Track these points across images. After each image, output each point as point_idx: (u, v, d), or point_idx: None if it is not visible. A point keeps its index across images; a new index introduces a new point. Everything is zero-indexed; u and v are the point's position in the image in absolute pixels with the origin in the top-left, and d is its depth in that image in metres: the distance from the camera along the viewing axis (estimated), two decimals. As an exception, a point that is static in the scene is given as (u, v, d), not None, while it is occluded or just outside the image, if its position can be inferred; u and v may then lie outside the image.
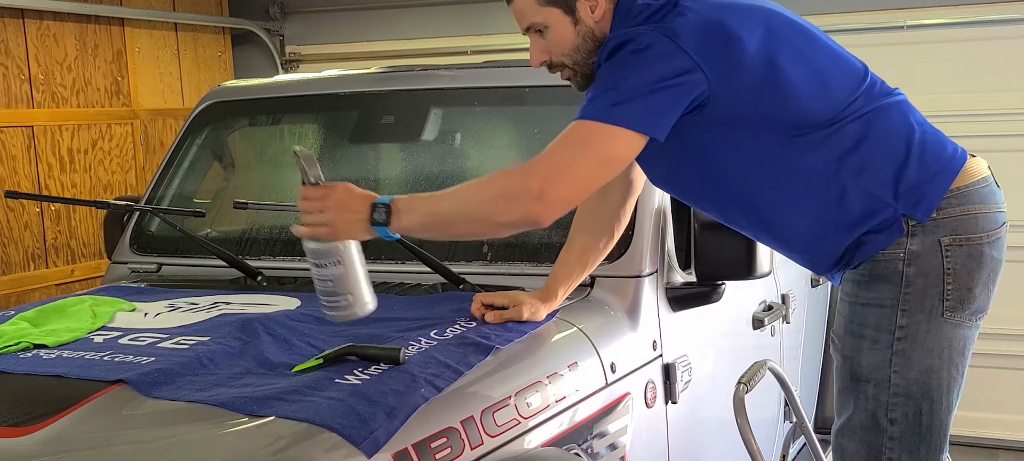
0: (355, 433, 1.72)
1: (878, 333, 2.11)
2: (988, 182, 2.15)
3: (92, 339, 2.28)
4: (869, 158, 2.06)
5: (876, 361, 2.12)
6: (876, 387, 2.13)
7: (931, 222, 2.06)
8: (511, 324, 2.29)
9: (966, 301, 2.10)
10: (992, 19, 4.89)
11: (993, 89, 4.92)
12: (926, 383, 2.10)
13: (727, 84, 1.97)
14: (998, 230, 2.13)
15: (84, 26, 5.06)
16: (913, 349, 2.09)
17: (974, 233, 2.08)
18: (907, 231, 2.07)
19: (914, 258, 2.07)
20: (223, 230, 3.21)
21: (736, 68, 1.98)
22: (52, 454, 1.72)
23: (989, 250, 2.11)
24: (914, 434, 2.12)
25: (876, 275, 2.11)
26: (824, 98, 2.06)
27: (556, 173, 1.91)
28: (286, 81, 3.70)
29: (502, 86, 3.01)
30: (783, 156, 2.06)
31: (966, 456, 4.87)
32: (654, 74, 1.92)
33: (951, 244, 2.07)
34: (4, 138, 4.67)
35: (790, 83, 2.02)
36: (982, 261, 2.10)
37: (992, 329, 4.99)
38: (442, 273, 2.60)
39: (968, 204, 2.09)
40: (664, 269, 2.63)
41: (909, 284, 2.08)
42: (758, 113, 2.03)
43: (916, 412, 2.11)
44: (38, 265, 4.82)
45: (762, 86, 2.00)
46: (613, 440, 2.34)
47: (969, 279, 2.09)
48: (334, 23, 6.16)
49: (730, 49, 1.98)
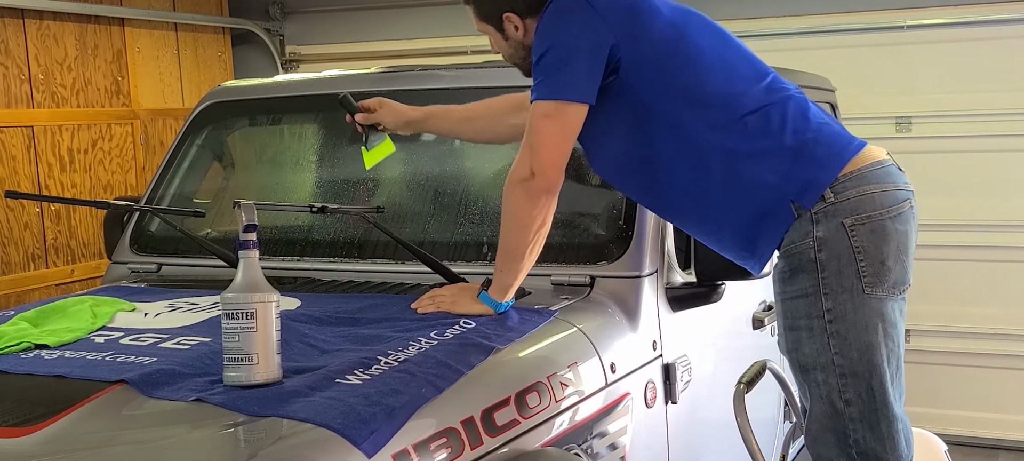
0: (355, 433, 1.72)
1: (811, 321, 2.23)
2: (883, 164, 2.26)
3: (93, 339, 2.29)
4: (767, 147, 2.21)
5: (816, 348, 2.23)
6: (824, 372, 2.23)
7: (832, 207, 2.19)
8: (512, 323, 2.30)
9: (882, 275, 2.19)
10: (992, 19, 4.89)
11: (993, 89, 4.93)
12: (870, 360, 2.19)
13: (636, 45, 2.20)
14: (899, 206, 2.23)
15: (84, 26, 5.06)
16: (847, 329, 2.19)
17: (874, 210, 2.20)
18: (812, 220, 2.20)
19: (823, 244, 2.19)
20: (223, 230, 3.21)
21: (645, 30, 2.21)
22: (52, 454, 1.72)
23: (892, 224, 2.21)
24: (872, 411, 2.21)
25: (794, 268, 2.24)
26: (728, 78, 2.25)
27: (534, 152, 2.22)
28: (286, 81, 3.70)
29: (502, 86, 3.01)
30: (688, 128, 2.23)
31: (966, 456, 4.87)
32: (573, 44, 2.18)
33: (854, 224, 2.19)
34: (4, 138, 4.67)
35: (698, 52, 2.24)
36: (887, 235, 2.20)
37: (992, 329, 5.05)
38: (442, 273, 2.60)
39: (864, 185, 2.20)
40: (664, 269, 2.63)
41: (824, 269, 2.20)
42: (666, 78, 2.22)
43: (868, 389, 2.20)
44: (38, 265, 4.83)
45: (671, 50, 2.22)
46: (613, 440, 2.34)
47: (879, 253, 2.19)
48: (334, 23, 6.16)
49: (640, 13, 2.22)
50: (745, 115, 2.22)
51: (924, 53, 5.03)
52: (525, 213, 2.26)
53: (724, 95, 2.24)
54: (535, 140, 2.22)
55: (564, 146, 2.24)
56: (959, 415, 5.06)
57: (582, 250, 2.63)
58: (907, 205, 2.25)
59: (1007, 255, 5.02)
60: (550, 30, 2.21)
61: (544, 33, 2.22)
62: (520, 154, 2.26)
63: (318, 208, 2.57)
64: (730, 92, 2.24)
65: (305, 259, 2.92)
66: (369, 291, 2.66)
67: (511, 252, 2.31)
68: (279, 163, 3.36)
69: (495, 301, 2.35)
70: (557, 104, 2.20)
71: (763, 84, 2.28)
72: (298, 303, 2.51)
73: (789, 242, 2.25)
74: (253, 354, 1.90)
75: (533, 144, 2.22)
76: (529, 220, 2.27)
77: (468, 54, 5.57)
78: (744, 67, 2.30)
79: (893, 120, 5.11)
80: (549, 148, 2.21)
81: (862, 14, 5.07)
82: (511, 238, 2.31)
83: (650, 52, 2.22)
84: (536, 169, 2.21)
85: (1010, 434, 5.08)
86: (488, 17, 2.36)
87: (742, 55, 2.33)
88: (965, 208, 5.06)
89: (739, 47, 2.34)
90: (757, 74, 2.30)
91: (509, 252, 2.32)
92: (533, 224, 2.28)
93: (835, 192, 2.20)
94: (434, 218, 2.88)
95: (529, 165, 2.22)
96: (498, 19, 2.34)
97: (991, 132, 4.96)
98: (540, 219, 2.28)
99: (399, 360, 2.03)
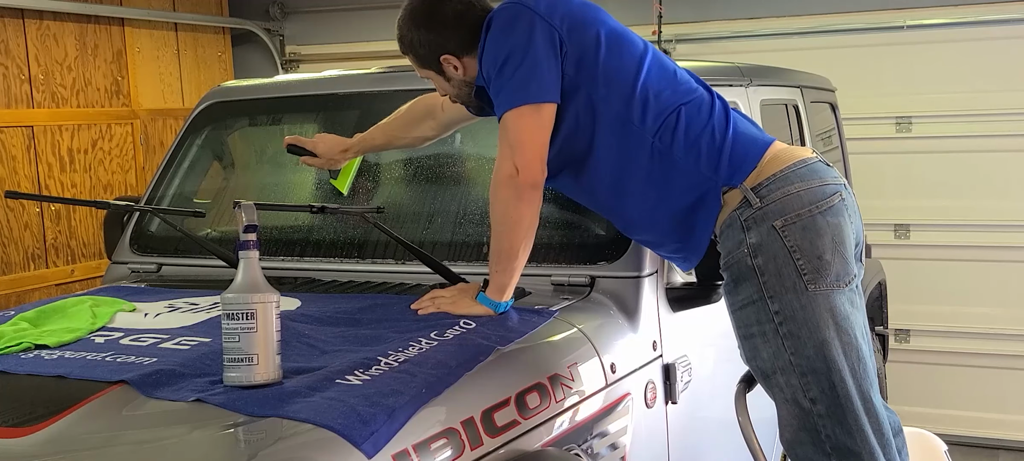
0: (355, 433, 1.72)
1: (762, 327, 2.26)
2: (807, 163, 2.31)
3: (93, 339, 2.28)
4: (696, 137, 2.29)
5: (772, 351, 2.26)
6: (784, 374, 2.26)
7: (759, 212, 2.24)
8: (512, 324, 2.30)
9: (821, 270, 2.21)
10: (992, 19, 4.89)
11: (993, 89, 4.93)
12: (825, 356, 2.21)
13: (577, 42, 2.29)
14: (828, 199, 2.25)
15: (84, 26, 5.06)
16: (798, 328, 2.22)
17: (802, 208, 2.23)
18: (743, 227, 2.25)
19: (758, 249, 2.24)
20: (223, 230, 3.21)
21: (584, 29, 2.30)
22: (52, 454, 1.72)
23: (823, 218, 2.23)
24: (837, 406, 2.23)
25: (736, 278, 2.29)
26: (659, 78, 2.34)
27: (515, 150, 2.26)
28: (286, 81, 3.70)
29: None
30: (623, 123, 2.30)
31: (966, 456, 4.87)
32: (523, 46, 2.25)
33: (785, 225, 2.22)
34: (4, 138, 4.67)
35: (627, 46, 2.34)
36: (819, 230, 2.22)
37: (992, 329, 5.05)
38: (442, 273, 2.60)
39: (787, 185, 2.25)
40: (664, 269, 2.63)
41: (763, 273, 2.23)
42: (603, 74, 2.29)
43: (830, 386, 2.22)
44: (38, 265, 4.83)
45: (602, 43, 2.31)
46: (613, 440, 2.34)
47: (814, 249, 2.21)
48: (334, 23, 6.17)
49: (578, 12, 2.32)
50: (677, 108, 2.30)
51: (924, 53, 5.03)
52: (514, 210, 2.28)
53: (656, 91, 2.31)
54: (513, 138, 2.26)
55: (542, 138, 2.28)
56: (959, 415, 5.06)
57: (582, 250, 2.63)
58: (837, 198, 2.27)
59: (1007, 255, 5.03)
60: (500, 42, 2.28)
61: (495, 48, 2.28)
62: (500, 154, 2.29)
63: (318, 208, 2.58)
64: (661, 90, 2.32)
65: (305, 259, 2.92)
66: (369, 291, 2.66)
67: (504, 252, 2.33)
68: (279, 163, 3.35)
69: (494, 301, 2.36)
70: (518, 111, 2.25)
71: (691, 87, 2.37)
72: (298, 303, 2.51)
73: (726, 253, 2.29)
74: (253, 354, 1.90)
75: (512, 142, 2.26)
76: (519, 216, 2.29)
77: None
78: (676, 73, 2.39)
79: (893, 120, 5.11)
80: (528, 143, 2.25)
81: (862, 14, 5.07)
82: (503, 238, 2.32)
83: (593, 49, 2.30)
84: (520, 165, 2.24)
85: (1010, 434, 5.08)
86: (427, 62, 2.43)
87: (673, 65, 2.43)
88: (965, 208, 5.06)
89: (670, 61, 2.44)
90: (686, 80, 2.40)
91: (503, 252, 2.33)
92: (524, 221, 2.29)
93: (760, 196, 2.24)
94: (434, 218, 2.88)
95: (511, 163, 2.25)
96: (436, 62, 2.41)
97: (991, 132, 4.96)
98: (529, 215, 2.30)
99: (399, 361, 2.03)
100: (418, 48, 2.41)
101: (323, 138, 2.82)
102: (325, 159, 2.82)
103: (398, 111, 2.79)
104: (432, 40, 2.38)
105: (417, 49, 2.42)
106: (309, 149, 2.82)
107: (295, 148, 2.83)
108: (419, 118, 2.75)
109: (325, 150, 2.81)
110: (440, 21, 2.37)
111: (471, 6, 2.37)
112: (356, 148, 2.84)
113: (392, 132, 2.79)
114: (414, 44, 2.41)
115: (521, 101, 2.25)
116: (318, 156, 2.81)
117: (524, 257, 2.35)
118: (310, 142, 2.82)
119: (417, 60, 2.45)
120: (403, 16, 2.41)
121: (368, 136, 2.82)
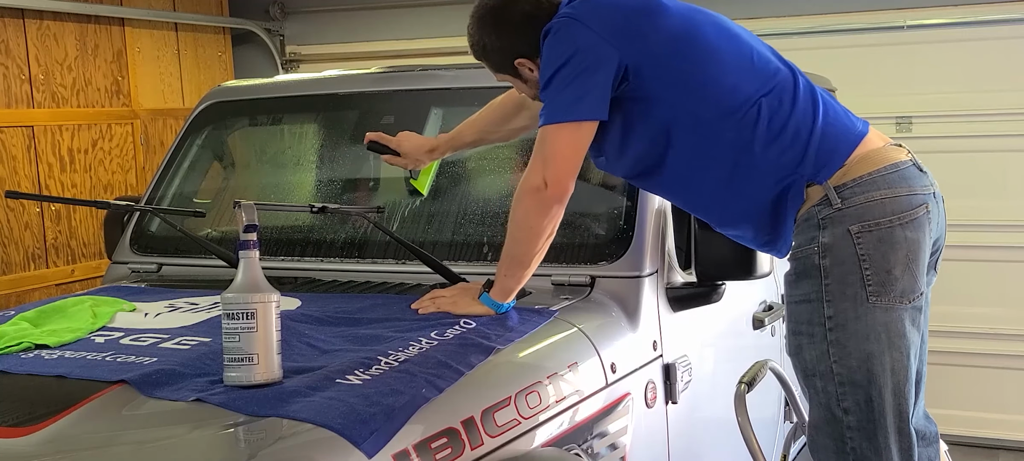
0: (355, 433, 1.72)
1: (812, 327, 2.23)
2: (899, 168, 2.23)
3: (94, 339, 2.28)
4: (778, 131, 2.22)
5: (816, 354, 2.22)
6: (823, 380, 2.22)
7: (838, 213, 2.18)
8: (512, 323, 2.30)
9: (888, 284, 2.16)
10: (992, 19, 4.89)
11: (993, 89, 4.93)
12: (869, 370, 2.17)
13: (641, 51, 2.22)
14: (913, 212, 2.19)
15: (84, 26, 5.06)
16: (847, 338, 2.18)
17: (883, 217, 2.17)
18: (819, 225, 2.20)
19: (828, 250, 2.19)
20: (223, 230, 3.21)
21: (649, 36, 2.23)
22: (52, 454, 1.72)
23: (903, 232, 2.17)
24: (869, 421, 2.19)
25: (800, 273, 2.25)
26: (737, 70, 2.25)
27: (547, 164, 2.24)
28: (286, 81, 3.70)
29: (502, 86, 3.01)
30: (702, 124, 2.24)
31: (966, 456, 4.87)
32: (576, 63, 2.20)
33: (860, 231, 2.17)
34: (4, 138, 4.67)
35: (707, 49, 2.25)
36: (895, 243, 2.17)
37: (992, 329, 5.05)
38: (442, 273, 2.60)
39: (872, 191, 2.18)
40: (664, 269, 2.63)
41: (828, 275, 2.19)
42: (676, 79, 2.23)
43: (866, 399, 2.18)
44: (38, 265, 4.83)
45: (679, 50, 2.24)
46: (613, 440, 2.34)
47: (885, 262, 2.16)
48: (334, 23, 6.16)
49: (642, 18, 2.24)
50: (757, 100, 2.23)
51: (924, 53, 5.03)
52: (536, 222, 2.27)
53: (734, 85, 2.24)
54: (548, 152, 2.23)
55: (576, 158, 2.26)
56: (959, 415, 5.06)
57: (582, 250, 2.63)
58: (921, 211, 2.21)
59: (1007, 255, 5.02)
60: (552, 56, 2.24)
61: (547, 61, 2.25)
62: (532, 165, 2.27)
63: (318, 208, 2.58)
64: (739, 81, 2.24)
65: (305, 259, 2.92)
66: (369, 291, 2.66)
67: (518, 259, 2.32)
68: (279, 163, 3.36)
69: (496, 303, 2.36)
70: (560, 127, 2.22)
71: (771, 72, 2.28)
72: (298, 303, 2.51)
73: (796, 246, 2.25)
74: (253, 354, 1.90)
75: (546, 155, 2.24)
76: (540, 229, 2.28)
77: (468, 54, 5.56)
78: (753, 58, 2.29)
79: (893, 120, 5.11)
80: (562, 159, 2.23)
81: (862, 14, 5.06)
82: (519, 245, 2.31)
83: (658, 55, 2.23)
84: (549, 179, 2.23)
85: (1010, 434, 5.07)
86: (502, 67, 2.40)
87: (750, 48, 2.32)
88: (965, 208, 5.05)
89: (746, 41, 2.33)
90: (766, 63, 2.30)
91: (516, 259, 2.32)
92: (544, 233, 2.29)
93: (842, 198, 2.18)
94: (434, 218, 2.88)
95: (542, 175, 2.23)
96: (512, 67, 2.38)
97: (991, 132, 4.96)
98: (550, 228, 2.30)
99: (399, 360, 2.03)
100: (491, 54, 2.39)
101: (408, 137, 2.74)
102: (409, 159, 2.74)
103: (488, 106, 2.72)
104: (503, 45, 2.35)
105: (490, 55, 2.39)
106: (392, 147, 2.72)
107: (376, 145, 2.74)
108: (512, 111, 2.68)
109: (410, 149, 2.73)
110: (509, 24, 2.33)
111: (540, 6, 2.32)
112: (443, 147, 2.76)
113: (484, 128, 2.72)
114: (487, 50, 2.38)
115: (562, 118, 2.22)
116: (401, 155, 2.73)
117: (535, 267, 2.35)
118: (393, 141, 2.73)
119: (491, 66, 2.42)
120: (471, 22, 2.38)
121: (456, 134, 2.74)
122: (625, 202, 2.64)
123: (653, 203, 2.63)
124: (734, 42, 2.31)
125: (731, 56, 2.27)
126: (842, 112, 2.33)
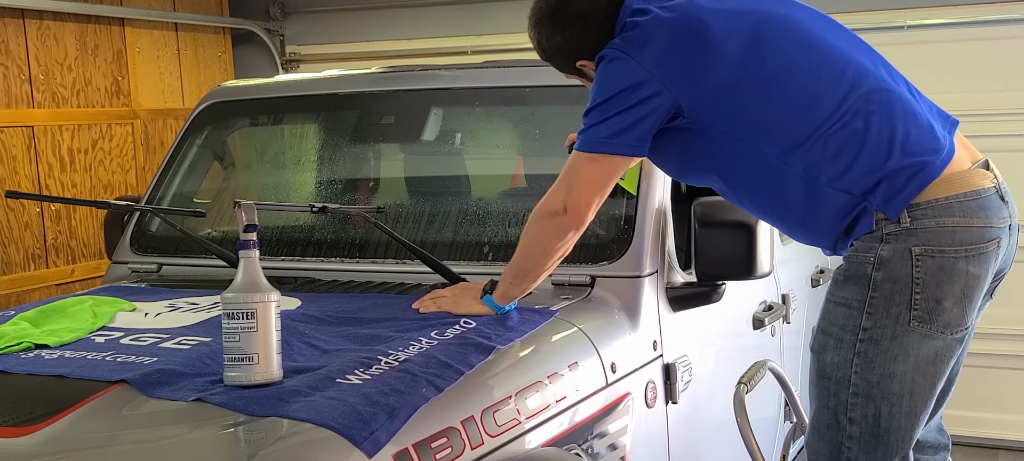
0: (356, 433, 1.72)
1: (843, 333, 2.16)
2: (980, 196, 2.12)
3: (94, 339, 2.29)
4: (848, 160, 2.11)
5: (839, 360, 2.17)
6: (837, 385, 2.17)
7: (904, 231, 2.08)
8: (512, 323, 2.30)
9: (935, 313, 2.08)
10: (992, 19, 4.89)
11: (993, 89, 4.92)
12: (887, 387, 2.12)
13: (696, 91, 2.15)
14: (982, 245, 2.09)
15: (84, 26, 5.06)
16: (876, 353, 2.11)
17: (947, 246, 2.07)
18: (882, 238, 2.10)
19: (883, 263, 2.10)
20: (223, 230, 3.21)
21: (704, 74, 2.15)
22: (52, 454, 1.72)
23: (966, 266, 2.08)
24: (872, 435, 2.15)
25: (849, 276, 2.16)
26: (803, 91, 2.14)
27: (571, 190, 2.22)
28: (286, 81, 3.70)
29: (502, 86, 3.01)
30: (764, 155, 2.16)
31: (966, 456, 4.87)
32: (621, 98, 2.16)
33: (922, 254, 2.07)
34: (4, 138, 4.67)
35: (767, 79, 2.14)
36: (954, 275, 2.08)
37: (992, 329, 5.04)
38: (442, 273, 2.60)
39: (945, 217, 2.08)
40: (664, 269, 2.63)
41: (876, 288, 2.11)
42: (735, 114, 2.16)
43: (875, 414, 2.14)
44: (38, 265, 4.83)
45: (738, 84, 2.14)
46: (613, 440, 2.34)
47: (938, 291, 2.08)
48: (334, 23, 6.16)
49: (696, 56, 2.15)
50: (825, 130, 2.11)
51: (924, 53, 5.03)
52: (549, 245, 2.27)
53: (799, 114, 2.13)
54: (574, 179, 2.22)
55: (603, 191, 2.25)
56: (959, 415, 5.04)
57: (582, 250, 2.63)
58: (992, 245, 2.11)
59: (1007, 255, 5.01)
60: (601, 84, 2.20)
61: (597, 85, 2.21)
62: (556, 187, 2.25)
63: (318, 208, 2.58)
64: (806, 107, 2.13)
65: (305, 259, 2.92)
66: (369, 291, 2.66)
67: (526, 273, 2.32)
68: (279, 163, 3.36)
69: (497, 305, 2.36)
70: (594, 157, 2.20)
71: (844, 86, 2.14)
72: (298, 303, 2.51)
73: (854, 249, 2.16)
74: (253, 354, 1.90)
75: (572, 182, 2.22)
76: (552, 252, 2.28)
77: (468, 54, 5.57)
78: (823, 70, 2.16)
79: (893, 120, 5.11)
80: (587, 189, 2.21)
81: (862, 14, 5.06)
82: (529, 262, 2.31)
83: (715, 96, 2.15)
84: (570, 206, 2.21)
85: (1010, 434, 5.07)
86: (566, 68, 2.38)
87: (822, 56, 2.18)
88: (965, 208, 5.05)
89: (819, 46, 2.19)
90: (838, 76, 2.15)
91: (524, 273, 2.32)
92: (555, 255, 2.30)
93: (913, 217, 2.08)
94: (434, 218, 2.88)
95: (563, 201, 2.22)
96: (575, 68, 2.35)
97: (991, 132, 4.95)
98: (562, 251, 2.30)
99: (399, 360, 2.03)
100: (553, 56, 2.36)
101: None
102: None
103: None
104: (560, 46, 2.31)
105: (553, 57, 2.36)
106: None
107: None
108: None
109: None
110: (564, 24, 2.28)
111: (596, 4, 2.25)
112: None
113: None
114: (549, 52, 2.35)
115: (596, 149, 2.19)
116: None
117: (541, 281, 2.35)
118: None
119: (557, 67, 2.40)
120: (529, 26, 2.35)
121: None
122: (626, 202, 2.64)
123: (652, 203, 2.63)
124: (805, 55, 2.17)
125: (798, 82, 2.14)
126: (928, 129, 2.16)
